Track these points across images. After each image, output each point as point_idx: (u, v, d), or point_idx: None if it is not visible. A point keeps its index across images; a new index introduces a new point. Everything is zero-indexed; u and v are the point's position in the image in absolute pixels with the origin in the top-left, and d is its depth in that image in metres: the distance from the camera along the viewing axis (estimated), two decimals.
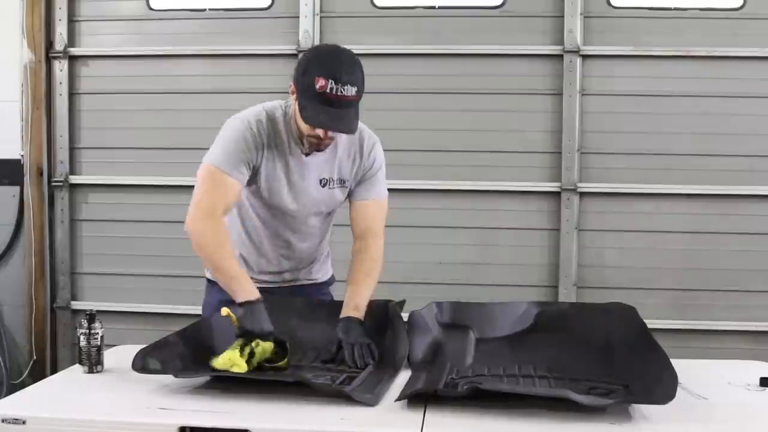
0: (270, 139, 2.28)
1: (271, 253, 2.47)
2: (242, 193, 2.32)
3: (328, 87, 2.09)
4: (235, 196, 2.27)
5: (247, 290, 2.15)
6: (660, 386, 1.75)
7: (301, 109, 2.18)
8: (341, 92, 2.10)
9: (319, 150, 2.28)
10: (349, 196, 2.45)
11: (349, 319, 2.24)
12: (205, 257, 2.25)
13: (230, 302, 2.21)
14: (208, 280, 2.58)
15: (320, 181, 2.37)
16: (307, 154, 2.32)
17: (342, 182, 2.40)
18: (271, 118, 2.30)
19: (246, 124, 2.27)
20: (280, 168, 2.32)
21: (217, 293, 2.48)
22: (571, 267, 4.14)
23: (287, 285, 2.53)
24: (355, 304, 2.28)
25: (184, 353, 2.08)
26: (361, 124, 2.33)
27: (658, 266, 4.12)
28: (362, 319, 2.25)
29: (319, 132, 2.18)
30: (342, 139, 2.34)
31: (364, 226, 2.43)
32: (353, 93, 2.13)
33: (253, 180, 2.31)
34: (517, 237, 4.19)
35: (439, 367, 2.12)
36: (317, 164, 2.35)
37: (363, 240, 2.43)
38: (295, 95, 2.21)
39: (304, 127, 2.21)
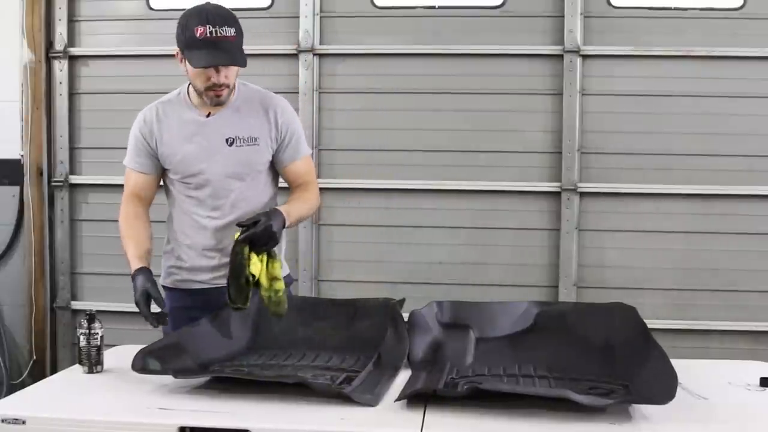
0: (161, 121, 2.47)
1: (202, 235, 2.49)
2: (155, 179, 2.52)
3: (207, 32, 2.28)
4: (141, 183, 2.50)
5: (132, 263, 2.38)
6: (660, 386, 1.75)
7: (191, 60, 2.33)
8: (221, 33, 2.29)
9: (219, 100, 2.40)
10: (277, 163, 2.53)
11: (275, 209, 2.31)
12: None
13: (186, 308, 2.45)
14: (164, 287, 2.60)
15: (227, 140, 2.45)
16: (207, 116, 2.45)
17: (253, 140, 2.46)
18: (162, 103, 2.52)
19: (136, 122, 2.53)
20: (181, 137, 2.45)
21: (169, 299, 2.53)
22: (571, 267, 4.14)
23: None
24: (286, 207, 2.35)
25: (183, 353, 2.07)
26: (263, 89, 2.56)
27: (658, 266, 4.11)
28: (285, 216, 2.29)
29: (212, 74, 2.32)
30: (241, 98, 2.49)
31: (301, 182, 2.55)
32: (232, 33, 2.31)
33: (163, 164, 2.49)
34: (517, 237, 4.19)
35: (439, 367, 2.12)
36: (221, 124, 2.45)
37: (299, 188, 2.54)
38: (183, 60, 2.38)
39: (200, 81, 2.36)
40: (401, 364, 2.12)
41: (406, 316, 2.35)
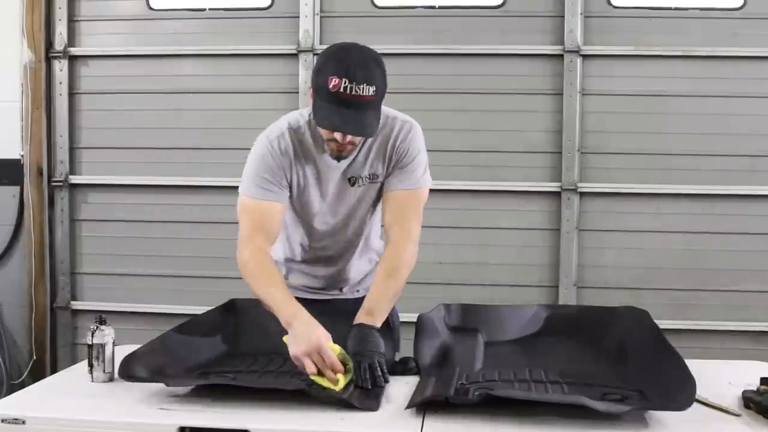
0: (296, 152, 2.17)
1: (311, 268, 2.38)
2: (284, 208, 2.21)
3: (341, 86, 1.97)
4: (271, 217, 2.17)
5: (288, 309, 2.02)
6: (678, 392, 1.71)
7: (316, 110, 2.05)
8: (356, 92, 1.98)
9: (341, 156, 2.14)
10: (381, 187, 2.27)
11: (360, 327, 2.04)
12: (251, 290, 2.11)
13: None
14: None
15: (349, 180, 2.22)
16: (338, 159, 2.17)
17: (373, 177, 2.22)
18: (294, 130, 2.18)
19: (268, 144, 2.17)
20: (311, 178, 2.21)
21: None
22: (571, 267, 4.14)
23: (329, 297, 2.41)
24: (368, 308, 2.09)
25: (173, 358, 2.04)
26: (394, 111, 2.22)
27: (658, 266, 4.12)
28: (376, 325, 2.05)
29: (336, 136, 2.04)
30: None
31: (390, 221, 2.22)
32: (370, 93, 1.99)
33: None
34: (517, 237, 4.19)
35: (449, 372, 2.06)
36: (346, 164, 2.20)
37: (388, 236, 2.22)
38: (312, 97, 2.08)
39: (323, 131, 2.08)
40: (389, 368, 2.03)
41: (408, 317, 2.33)
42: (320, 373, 1.86)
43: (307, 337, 1.90)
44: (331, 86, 1.98)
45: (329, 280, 2.41)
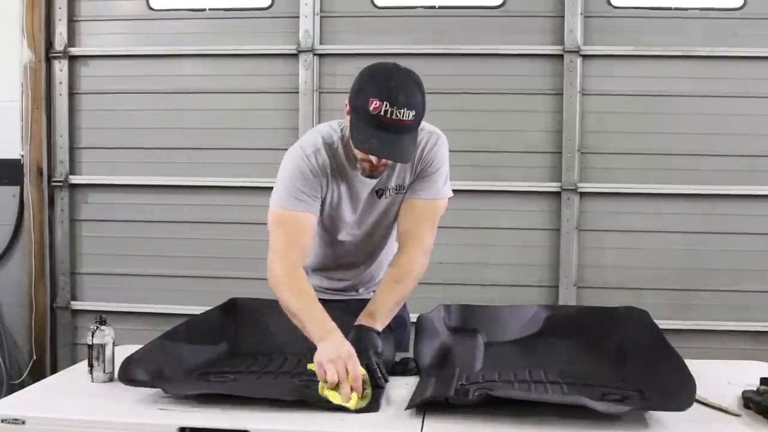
0: (332, 168, 2.15)
1: (332, 273, 2.40)
2: (317, 220, 2.18)
3: (382, 109, 1.95)
4: (307, 230, 2.14)
5: (325, 325, 1.98)
6: (678, 392, 1.71)
7: (353, 131, 2.02)
8: (396, 116, 1.95)
9: (373, 176, 2.13)
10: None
11: (359, 327, 2.04)
12: (282, 305, 2.06)
13: None
14: None
15: (377, 192, 2.21)
16: (369, 177, 2.15)
17: (399, 188, 2.23)
18: (328, 145, 2.16)
19: (304, 157, 2.13)
20: (344, 194, 2.20)
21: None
22: (571, 267, 4.14)
23: (346, 298, 2.42)
24: (370, 311, 2.08)
25: (172, 359, 2.03)
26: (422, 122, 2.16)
27: (658, 266, 4.12)
28: (377, 329, 2.05)
29: (372, 158, 2.03)
30: None
31: (405, 228, 2.23)
32: (410, 117, 1.97)
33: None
34: (517, 237, 4.19)
35: (449, 373, 2.05)
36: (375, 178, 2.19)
37: (401, 243, 2.23)
38: (349, 114, 2.06)
39: (357, 151, 2.07)
40: (389, 368, 2.05)
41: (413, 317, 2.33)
42: (335, 388, 1.82)
43: (338, 347, 1.88)
44: (371, 108, 1.96)
45: (349, 284, 2.43)
